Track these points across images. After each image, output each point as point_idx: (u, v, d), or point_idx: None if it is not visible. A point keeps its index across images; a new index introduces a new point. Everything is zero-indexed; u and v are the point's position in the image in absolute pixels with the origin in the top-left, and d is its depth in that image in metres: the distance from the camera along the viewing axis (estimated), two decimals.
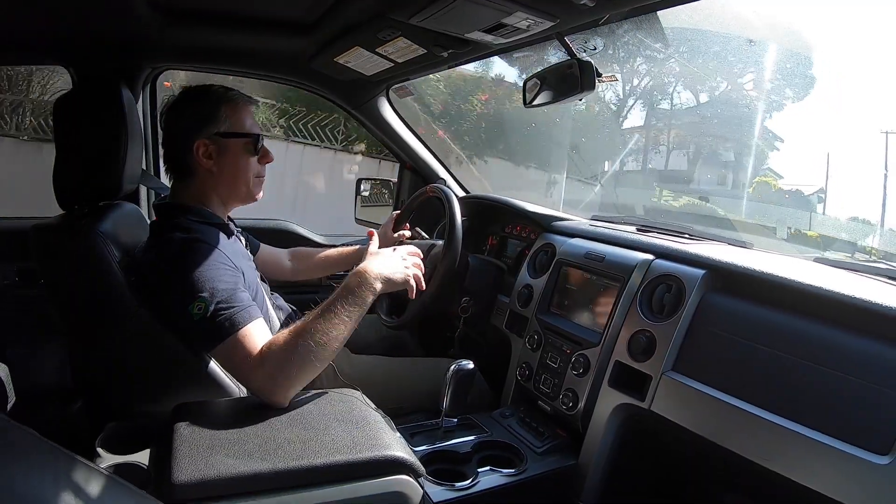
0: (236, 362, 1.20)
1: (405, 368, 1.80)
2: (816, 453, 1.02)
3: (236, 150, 1.45)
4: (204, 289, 1.21)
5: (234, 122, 1.45)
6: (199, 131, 1.42)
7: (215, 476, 0.93)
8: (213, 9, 1.75)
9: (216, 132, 1.43)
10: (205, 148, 1.42)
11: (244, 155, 1.47)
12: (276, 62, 2.18)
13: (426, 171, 2.59)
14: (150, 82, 2.12)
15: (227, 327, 1.19)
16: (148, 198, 2.18)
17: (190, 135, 1.42)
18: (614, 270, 1.55)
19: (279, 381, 1.16)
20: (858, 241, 6.53)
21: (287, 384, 1.17)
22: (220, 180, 1.46)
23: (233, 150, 1.45)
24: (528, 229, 2.14)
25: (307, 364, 1.17)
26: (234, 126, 1.45)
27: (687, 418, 1.26)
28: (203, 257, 1.27)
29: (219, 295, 1.22)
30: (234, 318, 1.20)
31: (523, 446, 1.52)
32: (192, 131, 1.42)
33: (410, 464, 1.06)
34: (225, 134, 1.43)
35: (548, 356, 1.63)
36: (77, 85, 1.91)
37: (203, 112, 1.43)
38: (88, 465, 0.61)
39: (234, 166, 1.46)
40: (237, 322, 1.20)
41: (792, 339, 1.15)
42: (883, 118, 16.50)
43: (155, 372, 1.32)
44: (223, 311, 1.20)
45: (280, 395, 1.17)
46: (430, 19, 1.38)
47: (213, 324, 1.19)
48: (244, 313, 1.22)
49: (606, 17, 1.39)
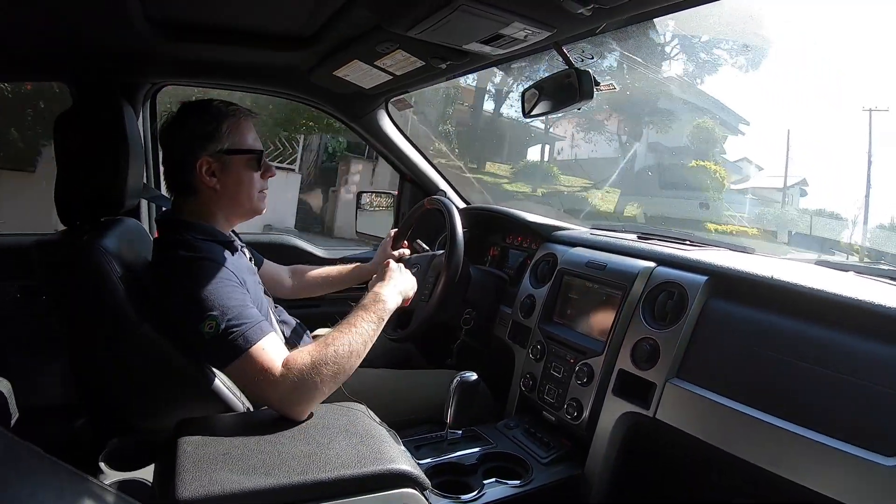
0: (253, 378, 1.20)
1: (409, 381, 1.79)
2: (823, 457, 1.02)
3: (239, 167, 1.44)
4: (214, 307, 1.21)
5: (237, 139, 1.44)
6: (202, 149, 1.41)
7: (220, 492, 0.92)
8: (212, 24, 1.75)
9: (219, 150, 1.42)
10: (208, 166, 1.41)
11: (247, 171, 1.46)
12: (275, 76, 2.19)
13: (426, 183, 2.59)
14: (149, 98, 2.13)
15: (240, 344, 1.20)
16: (149, 213, 2.18)
17: (192, 153, 1.41)
18: (616, 279, 1.54)
19: (302, 394, 1.18)
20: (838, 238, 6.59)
21: (309, 398, 1.19)
22: (224, 197, 1.45)
23: (236, 167, 1.44)
24: (528, 239, 2.14)
25: (329, 378, 1.19)
26: (237, 142, 1.44)
27: (692, 425, 1.26)
28: (210, 276, 1.27)
29: (229, 313, 1.22)
30: (247, 335, 1.21)
31: (529, 457, 1.51)
32: (194, 149, 1.41)
33: (416, 477, 1.05)
34: (228, 151, 1.42)
35: (551, 366, 1.63)
36: (77, 101, 1.92)
37: (205, 129, 1.42)
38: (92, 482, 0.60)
39: (237, 183, 1.45)
40: (250, 338, 1.21)
41: (796, 343, 1.15)
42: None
43: (158, 387, 1.31)
44: (234, 329, 1.21)
45: (301, 408, 1.19)
46: (427, 31, 1.38)
47: (225, 342, 1.20)
48: (256, 329, 1.23)
49: (603, 25, 1.39)
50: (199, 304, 1.22)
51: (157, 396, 1.32)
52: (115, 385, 1.35)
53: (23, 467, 0.55)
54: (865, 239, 10.51)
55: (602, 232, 1.95)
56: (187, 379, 1.29)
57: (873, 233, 11.26)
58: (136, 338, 1.25)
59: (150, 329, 1.25)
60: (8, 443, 0.56)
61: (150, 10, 1.55)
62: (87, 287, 1.25)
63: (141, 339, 1.25)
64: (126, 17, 1.52)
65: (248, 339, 1.21)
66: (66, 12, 1.50)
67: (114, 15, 1.52)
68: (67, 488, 0.56)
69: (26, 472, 0.54)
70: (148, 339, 1.25)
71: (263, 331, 1.24)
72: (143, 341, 1.25)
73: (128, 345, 1.26)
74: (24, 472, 0.54)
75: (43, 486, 0.55)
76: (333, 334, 1.26)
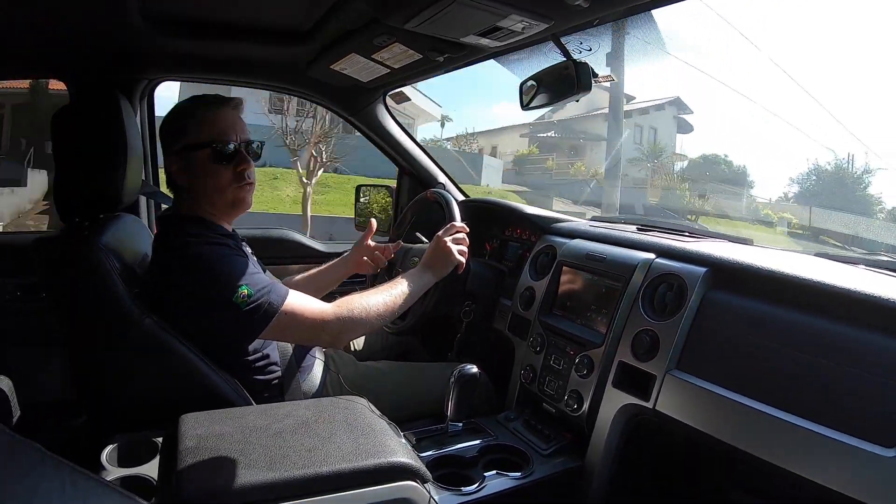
0: (301, 326, 1.37)
1: (410, 374, 1.79)
2: (823, 448, 1.02)
3: (204, 162, 1.41)
4: (240, 278, 1.31)
5: (202, 131, 1.41)
6: (169, 147, 1.43)
7: (222, 486, 0.93)
8: (208, 19, 1.75)
9: (179, 147, 1.42)
10: (177, 164, 1.42)
11: (212, 165, 1.41)
12: (273, 71, 2.18)
13: (425, 177, 2.59)
14: (147, 94, 2.13)
15: (275, 300, 1.33)
16: (148, 209, 2.18)
17: (165, 152, 1.45)
18: (616, 270, 1.54)
19: (348, 329, 1.43)
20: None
21: (353, 332, 1.48)
22: (199, 194, 1.44)
23: (200, 163, 1.41)
24: (527, 232, 2.14)
25: (368, 321, 1.45)
26: (201, 136, 1.41)
27: (692, 416, 1.26)
28: (224, 253, 1.36)
29: (253, 280, 1.33)
30: (278, 291, 1.35)
31: (529, 449, 1.51)
32: (166, 148, 1.45)
33: (416, 469, 1.05)
34: (187, 147, 1.41)
35: (551, 358, 1.63)
36: (75, 98, 1.92)
37: (172, 127, 1.43)
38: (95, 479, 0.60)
39: (204, 178, 1.42)
40: (281, 294, 1.36)
41: (796, 335, 1.15)
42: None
43: (159, 382, 1.32)
44: (264, 290, 1.32)
45: (345, 340, 1.48)
46: (424, 24, 1.38)
47: (261, 302, 1.31)
48: (279, 287, 1.37)
49: (601, 17, 1.39)
50: (225, 278, 1.30)
51: (159, 392, 1.33)
52: (116, 381, 1.35)
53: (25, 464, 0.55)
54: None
55: (601, 223, 1.94)
56: (189, 374, 1.30)
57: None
58: (138, 333, 1.26)
59: (152, 324, 1.26)
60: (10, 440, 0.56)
61: (147, 6, 1.55)
62: (87, 284, 1.26)
63: (142, 334, 1.26)
64: (123, 13, 1.52)
65: (281, 294, 1.35)
66: (63, 9, 1.50)
67: (110, 12, 1.52)
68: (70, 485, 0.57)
69: (28, 468, 0.55)
70: (149, 334, 1.26)
71: (284, 288, 1.38)
72: (145, 336, 1.26)
73: (129, 340, 1.27)
74: (26, 468, 0.55)
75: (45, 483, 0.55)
76: (377, 292, 1.50)
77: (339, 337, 1.43)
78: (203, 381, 1.31)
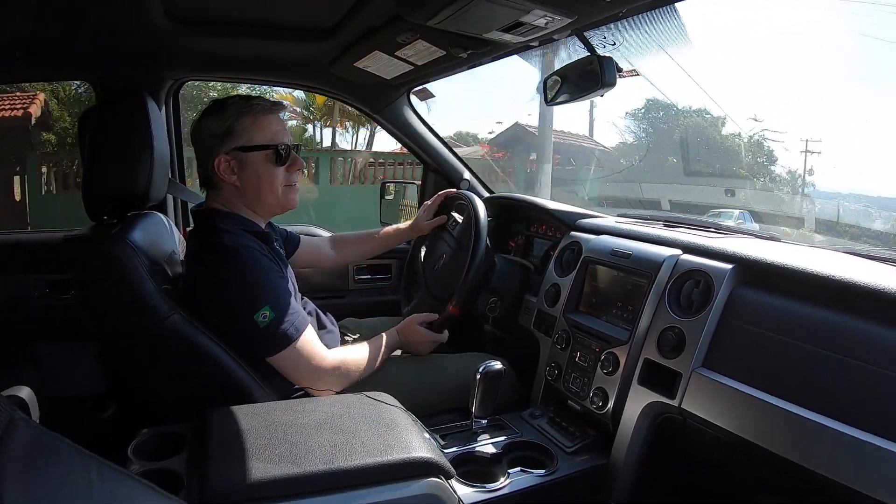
0: (305, 363, 1.40)
1: (434, 369, 1.78)
2: (854, 450, 0.99)
3: (257, 163, 1.46)
4: (268, 297, 1.34)
5: (255, 134, 1.45)
6: (219, 146, 1.44)
7: (249, 480, 0.94)
8: (232, 18, 1.77)
9: (235, 147, 1.44)
10: (226, 164, 1.44)
11: (267, 166, 1.47)
12: (297, 69, 2.20)
13: (450, 172, 2.58)
14: (172, 93, 2.15)
15: (292, 333, 1.36)
16: (175, 207, 2.21)
17: (210, 151, 1.45)
18: (641, 267, 1.53)
19: (340, 384, 1.46)
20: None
21: (343, 386, 1.47)
22: (246, 193, 1.48)
23: (254, 163, 1.45)
24: (553, 228, 2.13)
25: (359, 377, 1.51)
26: (254, 138, 1.45)
27: (717, 415, 1.24)
28: (261, 266, 1.38)
29: (282, 303, 1.35)
30: (297, 325, 1.37)
31: (554, 446, 1.51)
32: (211, 147, 1.45)
33: (441, 465, 1.05)
34: (244, 148, 1.44)
35: (577, 355, 1.62)
36: (102, 98, 1.95)
37: (221, 127, 1.45)
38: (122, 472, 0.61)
39: (257, 179, 1.46)
40: (300, 328, 1.38)
41: (825, 334, 1.12)
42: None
43: (186, 377, 1.34)
44: (287, 319, 1.35)
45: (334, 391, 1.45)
46: (447, 21, 1.38)
47: (279, 331, 1.34)
48: (302, 318, 1.40)
49: (625, 10, 1.38)
50: (254, 294, 1.34)
51: (186, 386, 1.35)
52: (144, 376, 1.38)
53: (52, 457, 0.56)
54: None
55: (627, 220, 1.92)
56: (215, 369, 1.31)
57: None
58: (166, 329, 1.27)
59: (180, 319, 1.28)
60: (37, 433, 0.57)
61: (171, 5, 1.56)
62: (115, 279, 1.28)
63: (170, 329, 1.28)
64: (147, 13, 1.54)
65: (299, 329, 1.37)
66: (89, 10, 1.52)
67: (135, 11, 1.54)
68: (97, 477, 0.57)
69: (56, 461, 0.56)
70: (177, 330, 1.28)
71: (306, 320, 1.40)
72: (173, 332, 1.28)
73: (157, 336, 1.28)
74: (54, 461, 0.55)
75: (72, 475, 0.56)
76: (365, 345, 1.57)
77: (331, 388, 1.45)
78: (230, 376, 1.32)
